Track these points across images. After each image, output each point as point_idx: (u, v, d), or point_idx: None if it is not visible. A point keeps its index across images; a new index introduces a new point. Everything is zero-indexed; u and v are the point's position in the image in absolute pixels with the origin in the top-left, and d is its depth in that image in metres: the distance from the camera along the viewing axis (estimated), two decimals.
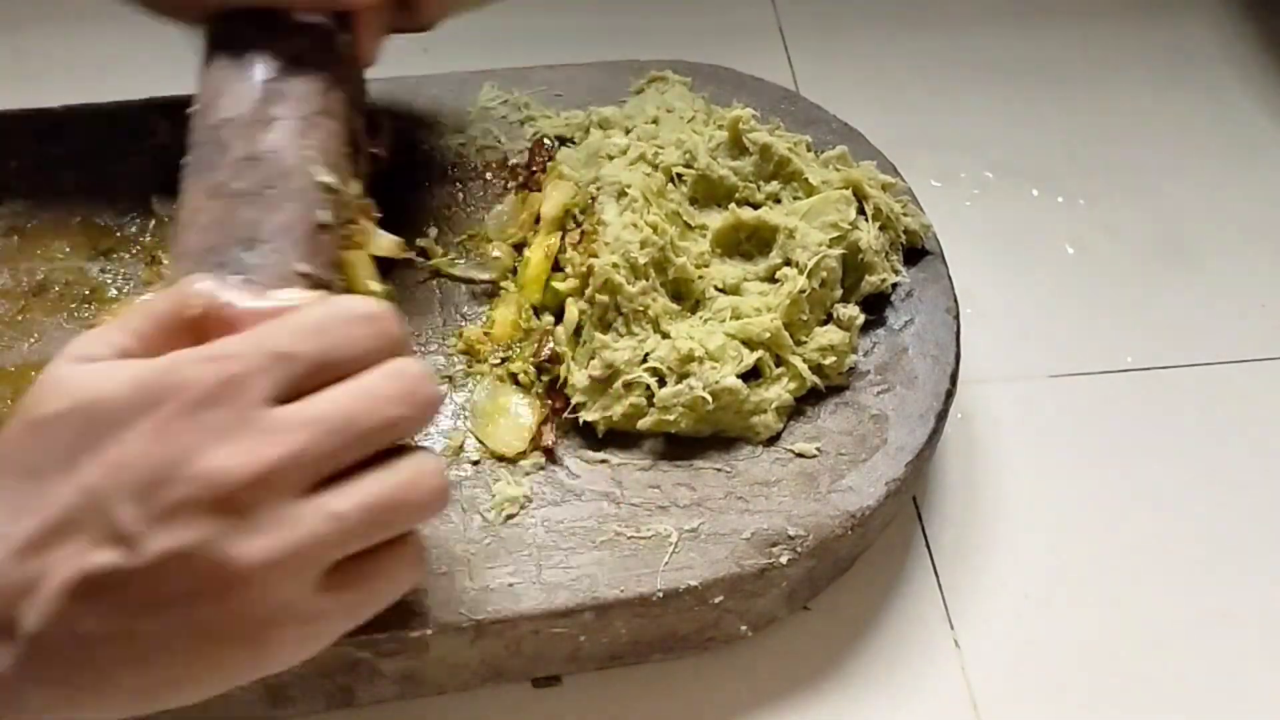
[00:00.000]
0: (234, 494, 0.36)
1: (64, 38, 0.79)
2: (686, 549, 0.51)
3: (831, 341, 0.56)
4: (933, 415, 0.56)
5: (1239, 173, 0.76)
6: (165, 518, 0.36)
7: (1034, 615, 0.57)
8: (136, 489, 0.36)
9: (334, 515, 0.37)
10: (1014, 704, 0.55)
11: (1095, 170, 0.76)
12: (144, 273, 0.59)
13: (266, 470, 0.36)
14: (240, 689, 0.48)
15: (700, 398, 0.54)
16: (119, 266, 0.60)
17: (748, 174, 0.61)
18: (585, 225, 0.58)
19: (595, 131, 0.63)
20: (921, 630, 0.57)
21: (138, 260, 0.61)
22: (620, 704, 0.54)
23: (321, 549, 0.38)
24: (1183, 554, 0.60)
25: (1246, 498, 0.62)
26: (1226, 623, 0.58)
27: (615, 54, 0.69)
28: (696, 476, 0.54)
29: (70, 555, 0.36)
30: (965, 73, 0.81)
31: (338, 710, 0.52)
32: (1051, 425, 0.64)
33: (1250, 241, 0.73)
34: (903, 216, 0.61)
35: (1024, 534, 0.60)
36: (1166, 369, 0.67)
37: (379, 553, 0.39)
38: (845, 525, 0.52)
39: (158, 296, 0.41)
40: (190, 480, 0.36)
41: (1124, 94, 0.80)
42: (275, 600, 0.37)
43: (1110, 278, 0.71)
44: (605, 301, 0.56)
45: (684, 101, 0.64)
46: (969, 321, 0.62)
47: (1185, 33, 0.84)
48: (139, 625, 0.37)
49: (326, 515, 0.37)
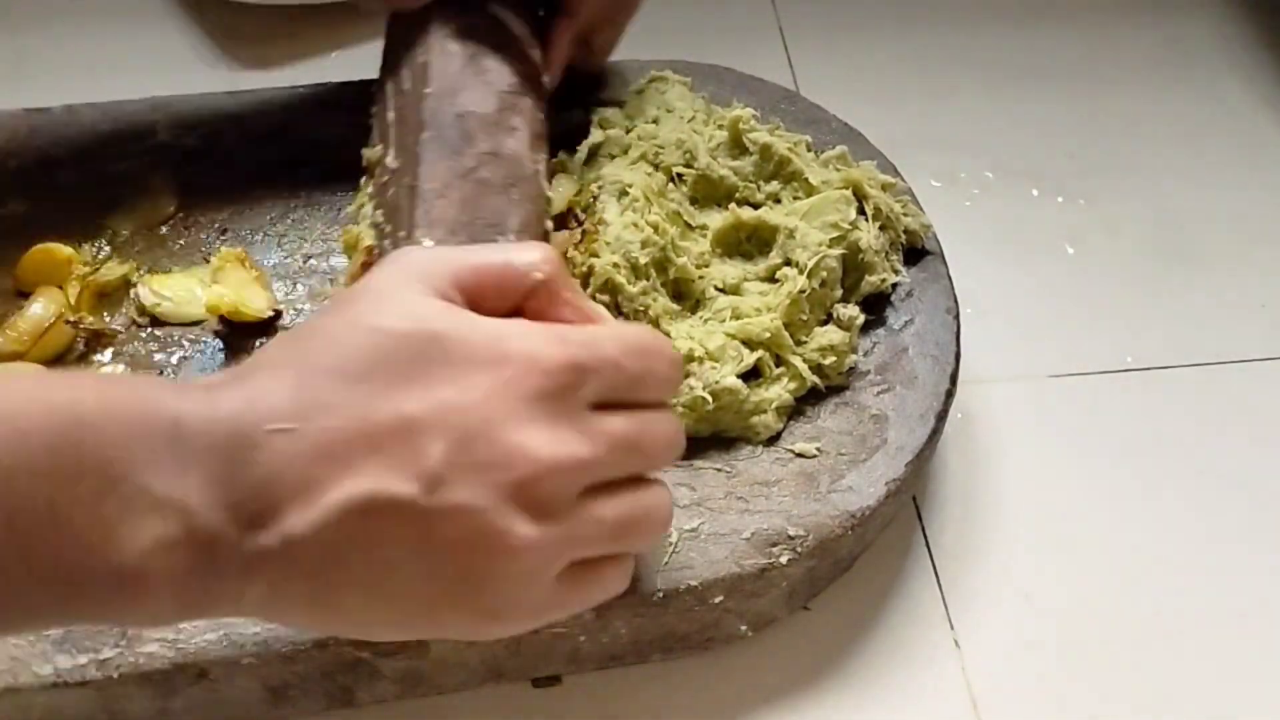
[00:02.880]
0: (539, 476, 0.38)
1: (64, 38, 0.79)
2: (686, 549, 0.51)
3: (831, 341, 0.56)
4: (933, 415, 0.56)
5: (1239, 173, 0.76)
6: (473, 471, 0.37)
7: (1034, 615, 0.57)
8: (457, 436, 0.37)
9: (599, 520, 0.40)
10: (1014, 704, 0.55)
11: (1095, 170, 0.76)
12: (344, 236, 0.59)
13: (571, 465, 0.38)
14: (240, 688, 0.49)
15: (700, 398, 0.54)
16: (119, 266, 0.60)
17: (748, 174, 0.61)
18: (586, 225, 0.58)
19: (595, 131, 0.63)
20: (921, 630, 0.57)
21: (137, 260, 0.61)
22: (620, 704, 0.54)
23: (579, 546, 0.40)
24: (1183, 554, 0.60)
25: (1246, 497, 0.62)
26: (1227, 622, 0.58)
27: (615, 54, 0.69)
28: (696, 476, 0.54)
29: (369, 473, 0.36)
30: (965, 73, 0.81)
31: (338, 710, 0.52)
32: (1051, 425, 0.64)
33: (1250, 241, 0.73)
34: (903, 216, 0.61)
35: (1024, 534, 0.60)
36: (1166, 369, 0.67)
37: (603, 560, 0.41)
38: (845, 525, 0.52)
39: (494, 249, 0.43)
40: (508, 448, 0.37)
41: (1124, 94, 0.80)
42: (523, 582, 0.39)
43: (1110, 278, 0.71)
44: (605, 301, 0.56)
45: (684, 101, 0.64)
46: (969, 321, 0.62)
47: (1185, 33, 0.84)
48: (400, 560, 0.37)
49: (594, 519, 0.39)
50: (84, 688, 0.47)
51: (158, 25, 0.79)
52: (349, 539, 0.36)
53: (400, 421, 0.37)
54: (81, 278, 0.59)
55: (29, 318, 0.57)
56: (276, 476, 0.36)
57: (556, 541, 0.39)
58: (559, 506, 0.38)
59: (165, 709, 0.49)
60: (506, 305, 0.41)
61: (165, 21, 0.79)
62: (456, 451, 0.37)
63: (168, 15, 0.80)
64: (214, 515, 0.35)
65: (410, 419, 0.37)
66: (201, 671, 0.48)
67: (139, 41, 0.78)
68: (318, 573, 0.37)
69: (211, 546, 0.35)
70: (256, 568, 0.36)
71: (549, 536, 0.38)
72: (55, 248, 0.59)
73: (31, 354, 0.56)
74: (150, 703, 0.49)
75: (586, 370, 0.39)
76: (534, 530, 0.38)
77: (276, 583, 0.37)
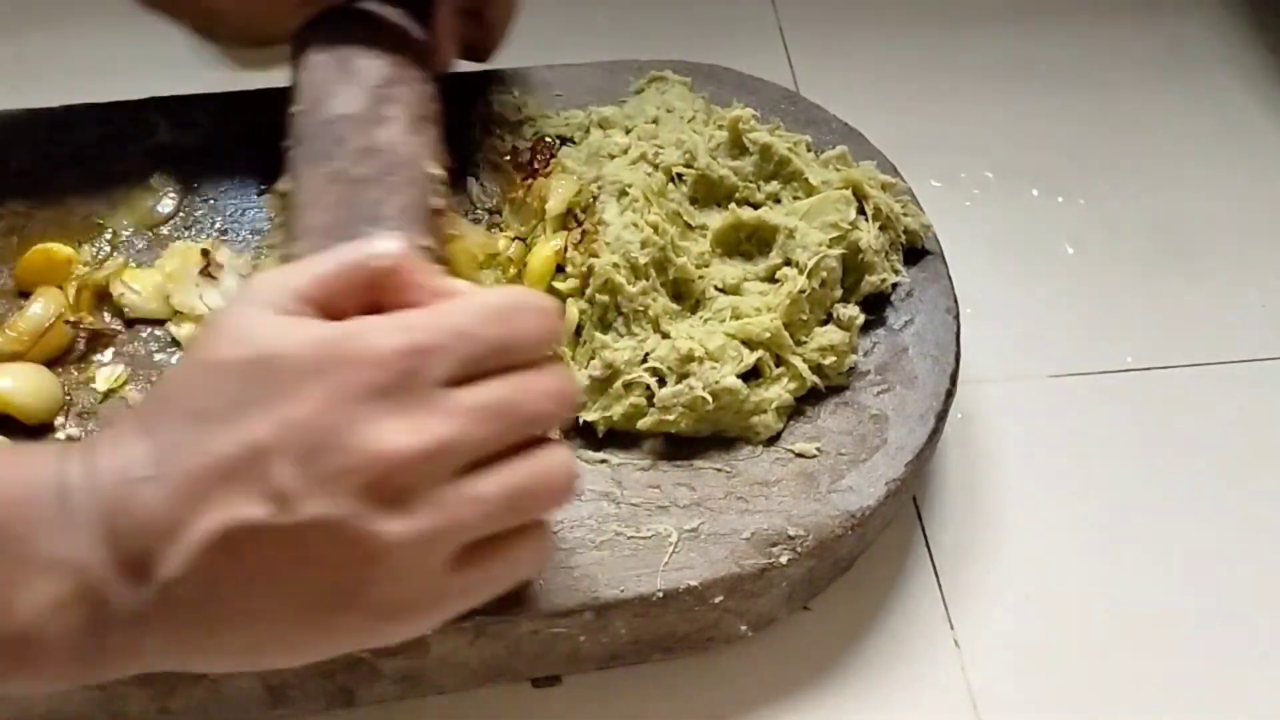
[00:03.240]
0: (392, 471, 0.37)
1: (64, 38, 0.79)
2: (686, 549, 0.51)
3: (831, 341, 0.56)
4: (933, 415, 0.56)
5: (1239, 173, 0.76)
6: (324, 483, 0.36)
7: (1034, 615, 0.57)
8: (301, 450, 0.36)
9: (478, 499, 0.38)
10: (1014, 704, 0.55)
11: (1095, 170, 0.76)
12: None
13: (428, 451, 0.37)
14: (240, 688, 0.49)
15: (700, 398, 0.54)
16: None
17: (748, 174, 0.61)
18: (586, 225, 0.58)
19: (595, 131, 0.63)
20: (921, 630, 0.57)
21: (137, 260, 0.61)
22: (620, 704, 0.54)
23: (461, 531, 0.38)
24: (1183, 554, 0.60)
25: (1246, 498, 0.62)
26: (1226, 622, 0.58)
27: (615, 54, 0.69)
28: (696, 476, 0.54)
29: (222, 505, 0.36)
30: (965, 73, 0.81)
31: (338, 710, 0.52)
32: (1051, 425, 0.64)
33: (1250, 241, 0.73)
34: (903, 216, 0.61)
35: (1024, 534, 0.60)
36: (1166, 369, 0.67)
37: (507, 538, 0.40)
38: (845, 525, 0.52)
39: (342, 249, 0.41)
40: (354, 451, 0.36)
41: (1124, 94, 0.80)
42: (409, 577, 0.38)
43: (1110, 278, 0.71)
44: (605, 301, 0.56)
45: (684, 101, 0.64)
46: (969, 321, 0.62)
47: (1185, 33, 0.84)
48: (272, 583, 0.37)
49: (471, 499, 0.38)
50: (84, 688, 0.47)
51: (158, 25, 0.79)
52: (219, 572, 0.36)
53: (245, 448, 0.36)
54: (81, 277, 0.59)
55: (29, 318, 0.57)
56: (147, 525, 0.36)
57: (429, 531, 0.37)
58: (424, 495, 0.37)
59: (165, 709, 0.49)
60: (361, 303, 0.40)
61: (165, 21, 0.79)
62: (303, 466, 0.36)
63: None
64: (104, 572, 0.36)
65: (254, 444, 0.36)
66: (201, 671, 0.48)
67: (139, 41, 0.78)
68: (199, 612, 0.37)
69: (103, 603, 0.36)
70: (146, 619, 0.37)
71: (418, 527, 0.37)
72: (55, 248, 0.59)
73: (31, 354, 0.56)
74: (150, 703, 0.49)
75: (427, 351, 0.38)
76: (400, 525, 0.37)
77: (167, 631, 0.37)
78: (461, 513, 0.38)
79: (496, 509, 0.39)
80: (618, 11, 0.82)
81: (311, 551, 0.37)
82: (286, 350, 0.37)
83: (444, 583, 0.39)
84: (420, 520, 0.37)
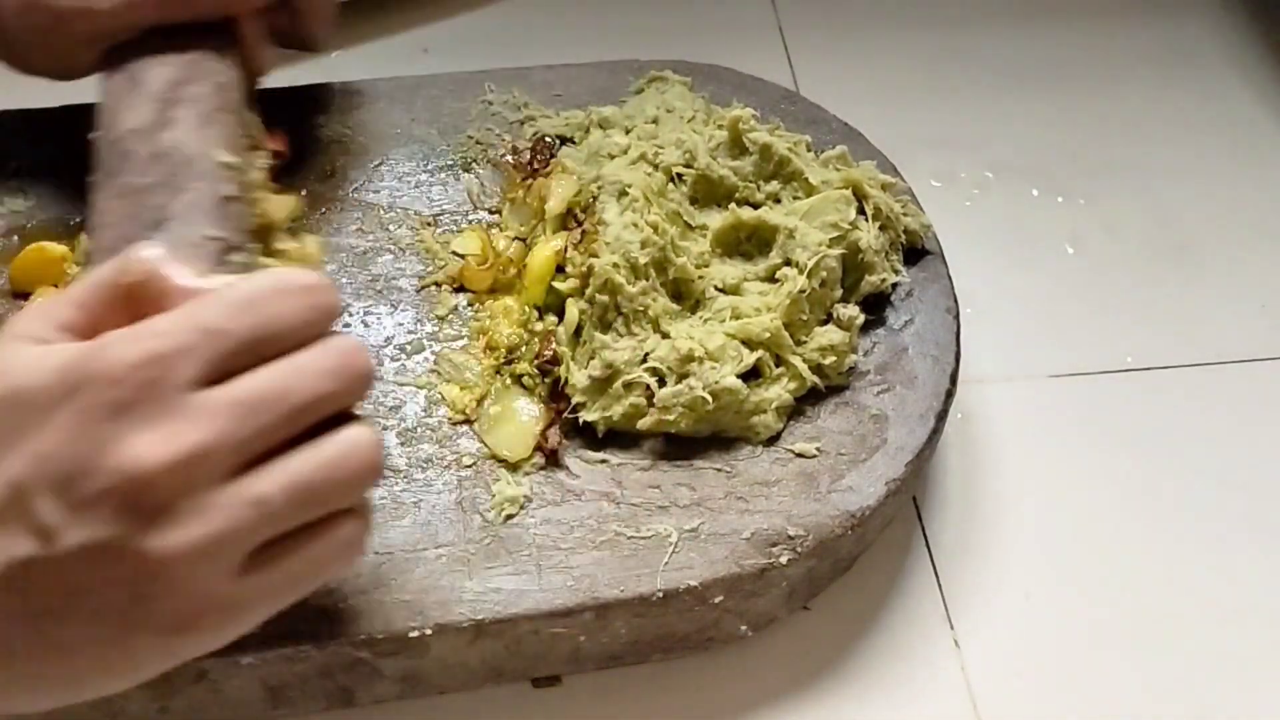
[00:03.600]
0: (151, 485, 0.35)
1: None
2: (686, 549, 0.51)
3: (831, 341, 0.56)
4: (933, 415, 0.56)
5: (1239, 173, 0.76)
6: (82, 510, 0.35)
7: (1034, 615, 0.57)
8: (55, 480, 0.35)
9: (256, 500, 0.36)
10: (1014, 704, 0.55)
11: (1095, 170, 0.76)
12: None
13: (185, 458, 0.35)
14: (240, 688, 0.49)
15: (700, 398, 0.54)
16: None
17: (748, 174, 0.61)
18: (586, 225, 0.58)
19: (595, 131, 0.63)
20: (921, 630, 0.57)
21: None
22: (620, 704, 0.54)
23: (242, 536, 0.37)
24: (1183, 553, 0.60)
25: (1246, 497, 0.62)
26: (1226, 622, 0.58)
27: (615, 54, 0.69)
28: (696, 476, 0.54)
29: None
30: (965, 73, 0.81)
31: (338, 710, 0.52)
32: (1051, 425, 0.64)
33: (1250, 241, 0.73)
34: (903, 216, 0.61)
35: (1024, 534, 0.60)
36: (1166, 369, 0.67)
37: (306, 534, 0.38)
38: (845, 525, 0.52)
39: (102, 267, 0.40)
40: (107, 472, 0.35)
41: (1124, 94, 0.80)
42: (193, 588, 0.36)
43: (1110, 278, 0.71)
44: (605, 301, 0.56)
45: (684, 101, 0.64)
46: (969, 321, 0.62)
47: (1185, 33, 0.84)
48: (56, 615, 0.36)
49: (248, 500, 0.36)
50: None
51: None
52: (5, 610, 0.36)
53: (5, 487, 0.36)
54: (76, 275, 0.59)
55: None
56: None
57: (203, 540, 0.36)
58: (191, 504, 0.36)
59: (165, 709, 0.49)
60: (118, 320, 0.38)
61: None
62: (60, 495, 0.35)
63: None
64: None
65: (12, 481, 0.36)
66: (201, 671, 0.48)
67: None
68: (3, 653, 0.36)
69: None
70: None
71: (189, 538, 0.36)
72: (49, 246, 0.59)
73: None
74: (150, 703, 0.49)
75: (168, 357, 0.36)
76: (171, 538, 0.36)
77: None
78: (238, 516, 0.36)
79: (278, 506, 0.37)
80: (618, 11, 0.82)
81: (87, 578, 0.36)
82: (33, 381, 0.36)
83: (235, 590, 0.37)
84: (191, 530, 0.36)
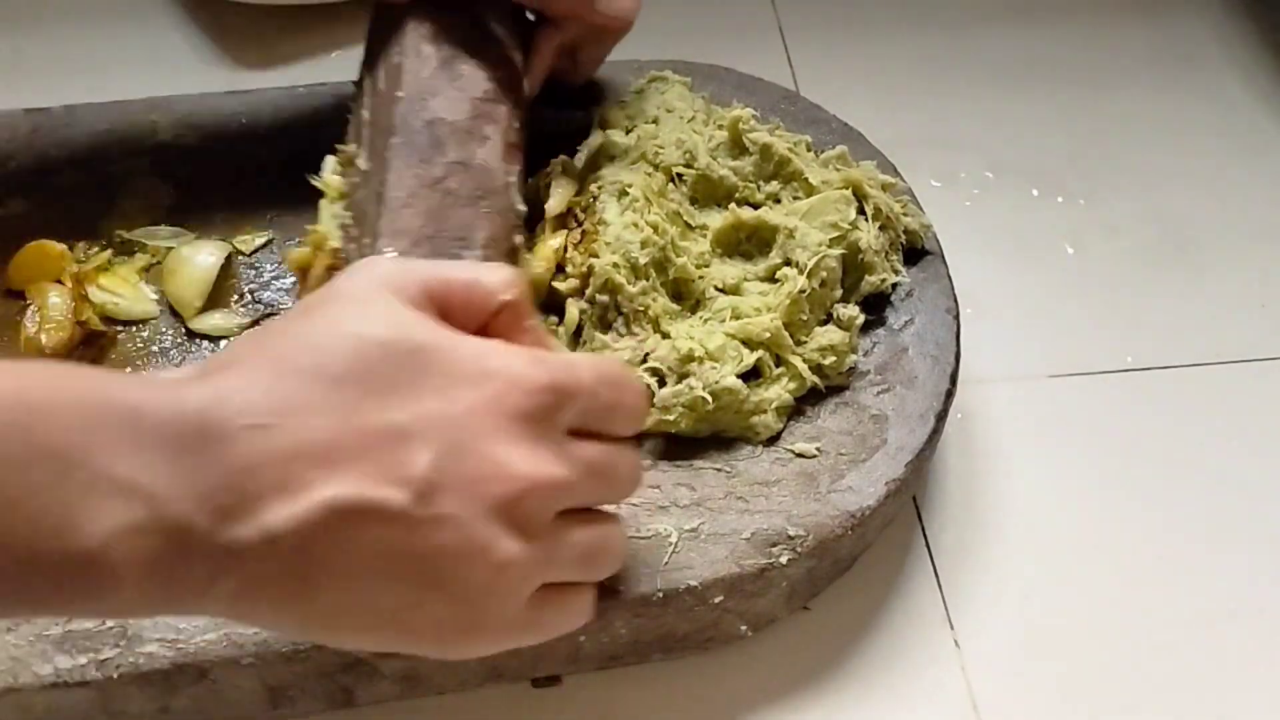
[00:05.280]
0: (521, 492, 0.38)
1: (64, 38, 0.79)
2: (686, 549, 0.51)
3: (831, 341, 0.56)
4: (933, 415, 0.56)
5: (1239, 173, 0.76)
6: (459, 484, 0.37)
7: (1034, 615, 0.57)
8: (444, 447, 0.37)
9: (573, 544, 0.40)
10: (1014, 704, 0.55)
11: (1095, 170, 0.76)
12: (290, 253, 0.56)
13: (550, 485, 0.39)
14: (240, 688, 0.49)
15: (700, 398, 0.54)
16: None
17: (748, 174, 0.61)
18: (586, 225, 0.58)
19: (595, 132, 0.63)
20: (921, 630, 0.57)
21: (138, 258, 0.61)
22: (620, 704, 0.54)
23: (554, 568, 0.40)
24: (1183, 554, 0.60)
25: (1246, 498, 0.62)
26: (1226, 622, 0.58)
27: (615, 54, 0.69)
28: (696, 476, 0.54)
29: (352, 477, 0.36)
30: (965, 73, 0.81)
31: (338, 710, 0.52)
32: (1051, 425, 0.64)
33: (1250, 241, 0.73)
34: (903, 216, 0.61)
35: (1024, 534, 0.60)
36: (1166, 369, 0.67)
37: (570, 589, 0.42)
38: (845, 525, 0.52)
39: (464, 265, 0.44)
40: (493, 463, 0.37)
41: (1124, 94, 0.80)
42: (503, 595, 0.39)
43: (1110, 278, 0.71)
44: (605, 301, 0.56)
45: (684, 101, 0.64)
46: (969, 321, 0.62)
47: (1185, 33, 0.84)
48: (380, 566, 0.37)
49: (569, 542, 0.40)
50: (84, 688, 0.47)
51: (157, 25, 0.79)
52: (332, 539, 0.36)
53: (387, 428, 0.36)
54: (74, 275, 0.59)
55: (54, 306, 0.57)
56: (254, 471, 0.35)
57: (536, 560, 0.39)
58: (539, 526, 0.39)
59: (165, 709, 0.49)
60: (471, 323, 0.41)
61: (165, 21, 0.79)
62: (444, 462, 0.37)
63: (167, 15, 0.80)
64: (183, 504, 0.35)
65: (397, 426, 0.37)
66: (201, 671, 0.48)
67: (139, 41, 0.78)
68: (294, 571, 0.36)
69: (182, 534, 0.35)
70: (229, 561, 0.35)
71: (530, 554, 0.39)
72: (47, 244, 0.59)
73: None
74: (150, 703, 0.49)
75: (565, 394, 0.39)
76: (516, 546, 0.38)
77: (249, 578, 0.36)
78: (560, 553, 0.40)
79: (581, 558, 0.41)
80: None
81: (431, 547, 0.37)
82: (444, 348, 0.38)
83: (523, 613, 0.40)
84: (532, 547, 0.39)
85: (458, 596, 0.38)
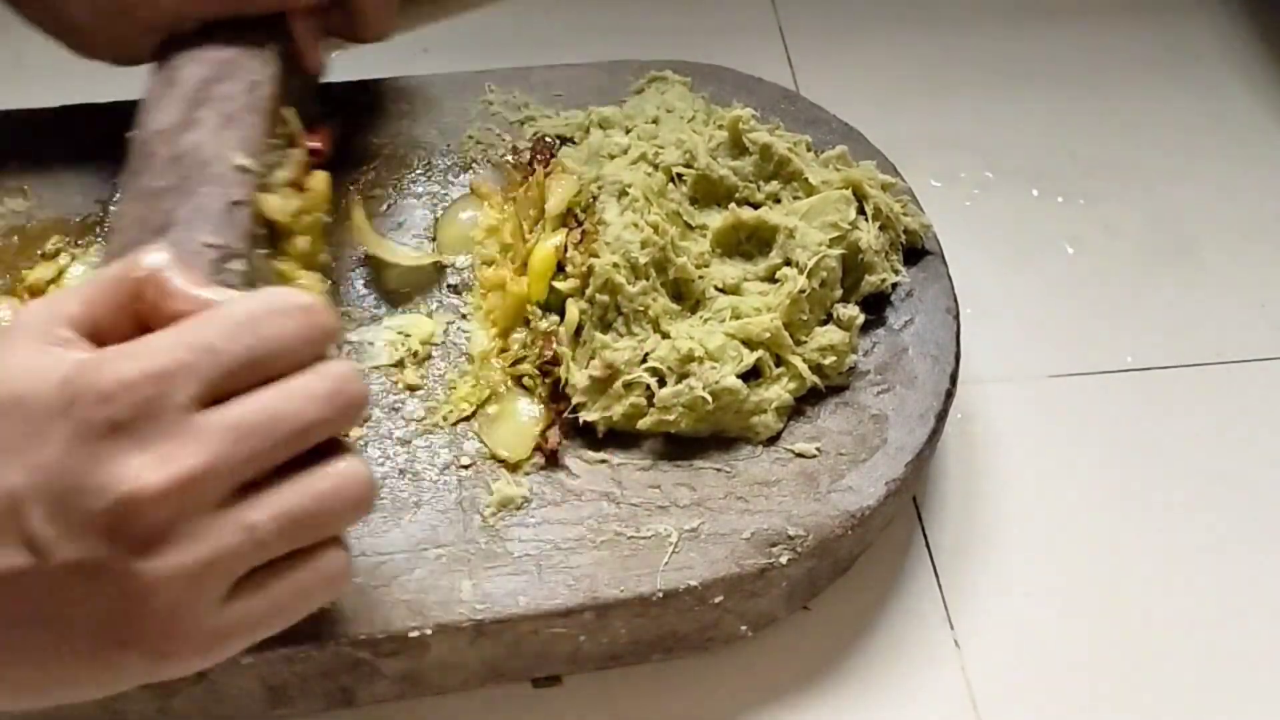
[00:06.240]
0: (144, 509, 0.35)
1: None
2: (686, 549, 0.51)
3: (831, 341, 0.56)
4: (933, 415, 0.56)
5: (1239, 173, 0.76)
6: (75, 528, 0.35)
7: (1034, 615, 0.57)
8: (51, 495, 0.35)
9: (248, 527, 0.36)
10: (1014, 704, 0.55)
11: (1095, 170, 0.76)
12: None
13: (181, 482, 0.35)
14: (240, 688, 0.49)
15: (700, 398, 0.54)
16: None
17: (748, 174, 0.61)
18: (586, 225, 0.58)
19: (595, 131, 0.63)
20: (921, 630, 0.57)
21: None
22: (620, 704, 0.54)
23: (231, 563, 0.36)
24: (1183, 554, 0.60)
25: (1246, 498, 0.62)
26: (1226, 622, 0.58)
27: (615, 54, 0.70)
28: (696, 476, 0.54)
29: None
30: (965, 73, 0.81)
31: (338, 710, 0.52)
32: (1051, 425, 0.64)
33: (1250, 241, 0.73)
34: (903, 216, 0.61)
35: (1024, 534, 0.60)
36: (1166, 369, 0.67)
37: (293, 562, 0.38)
38: (845, 525, 0.52)
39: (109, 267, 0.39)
40: (100, 493, 0.35)
41: (1124, 94, 0.80)
42: (180, 612, 0.36)
43: (1110, 278, 0.71)
44: (605, 301, 0.56)
45: (684, 101, 0.64)
46: (969, 321, 0.62)
47: (1185, 33, 0.84)
48: (43, 624, 0.36)
49: (240, 527, 0.36)
50: None
51: None
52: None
53: (1, 496, 0.35)
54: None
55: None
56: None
57: (193, 566, 0.36)
58: (184, 529, 0.35)
59: (165, 709, 0.49)
60: (126, 323, 0.38)
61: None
62: (55, 510, 0.35)
63: None
64: None
65: (9, 492, 0.35)
66: (201, 671, 0.48)
67: None
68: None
69: None
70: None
71: (180, 562, 0.35)
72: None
73: None
74: (150, 703, 0.49)
75: (165, 376, 0.35)
76: (161, 562, 0.35)
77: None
78: (229, 542, 0.36)
79: (269, 535, 0.37)
80: (618, 11, 0.82)
81: (75, 594, 0.36)
82: (35, 389, 0.36)
83: (222, 615, 0.37)
84: (182, 555, 0.35)
85: (130, 629, 0.36)
